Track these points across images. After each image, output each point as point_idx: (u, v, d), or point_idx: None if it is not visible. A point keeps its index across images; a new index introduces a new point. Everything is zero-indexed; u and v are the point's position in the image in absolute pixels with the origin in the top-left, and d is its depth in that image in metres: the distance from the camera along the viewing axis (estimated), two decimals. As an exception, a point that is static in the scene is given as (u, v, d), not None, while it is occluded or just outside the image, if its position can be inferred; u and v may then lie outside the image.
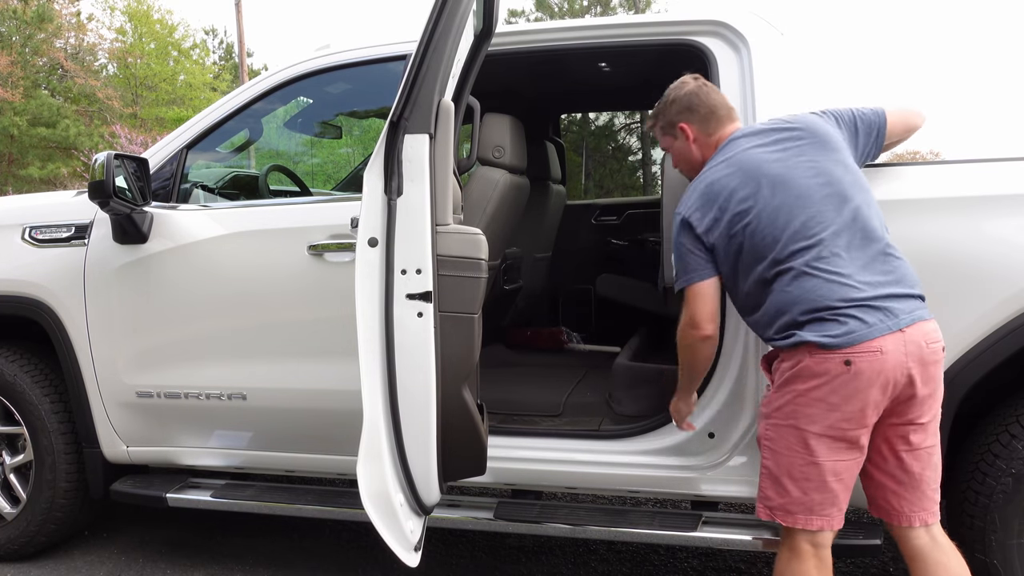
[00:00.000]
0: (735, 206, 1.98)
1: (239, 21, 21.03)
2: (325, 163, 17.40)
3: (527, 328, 4.09)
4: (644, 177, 19.89)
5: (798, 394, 1.88)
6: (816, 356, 1.84)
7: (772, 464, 1.95)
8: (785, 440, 1.91)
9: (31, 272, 2.89)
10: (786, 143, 2.03)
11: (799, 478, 1.90)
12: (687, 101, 2.19)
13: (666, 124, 2.25)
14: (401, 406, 2.12)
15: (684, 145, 2.22)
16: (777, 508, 1.95)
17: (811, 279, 1.87)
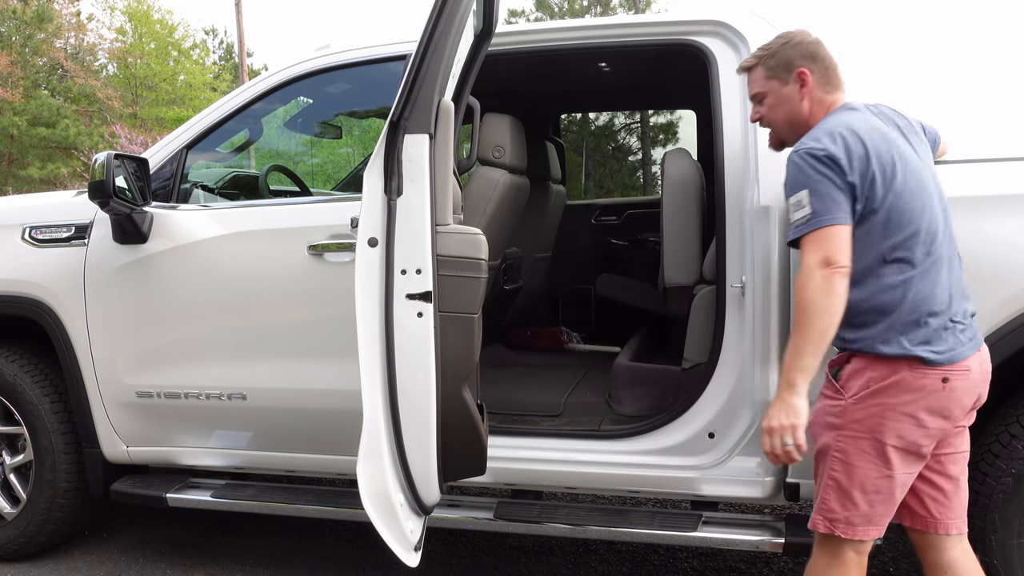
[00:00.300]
0: (877, 170, 1.78)
1: (239, 21, 21.04)
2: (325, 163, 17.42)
3: (527, 328, 4.09)
4: (644, 177, 19.89)
5: (887, 407, 1.79)
6: (916, 371, 1.77)
7: (843, 477, 1.84)
8: (863, 453, 1.81)
9: (31, 272, 2.89)
10: (910, 138, 1.91)
11: (870, 491, 1.83)
12: (812, 49, 1.97)
13: (780, 64, 1.99)
14: (401, 406, 2.12)
15: (795, 93, 1.98)
16: (840, 521, 1.85)
17: (927, 283, 1.78)
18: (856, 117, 1.88)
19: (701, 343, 2.66)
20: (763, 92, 2.04)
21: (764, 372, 2.34)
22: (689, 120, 6.65)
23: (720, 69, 2.51)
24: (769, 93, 2.02)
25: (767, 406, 2.31)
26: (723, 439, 2.44)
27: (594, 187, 19.10)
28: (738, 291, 2.40)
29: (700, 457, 2.47)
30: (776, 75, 2.00)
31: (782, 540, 2.34)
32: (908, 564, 2.96)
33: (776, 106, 2.02)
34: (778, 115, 2.02)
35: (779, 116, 2.02)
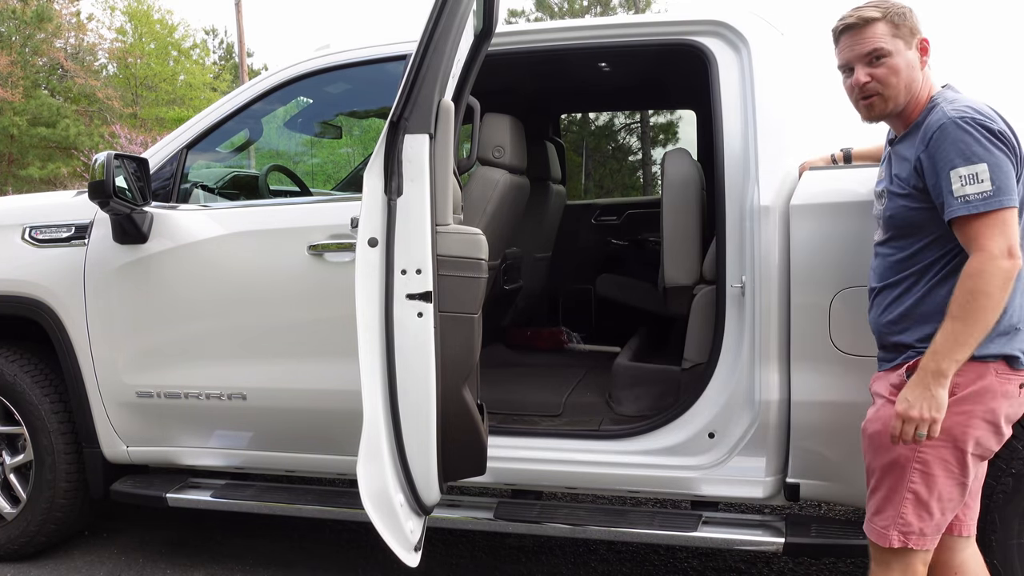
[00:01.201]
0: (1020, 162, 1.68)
1: (239, 21, 21.04)
2: (325, 163, 17.42)
3: (527, 328, 4.09)
4: (644, 177, 19.89)
5: (972, 415, 1.72)
6: (1002, 376, 1.71)
7: (923, 489, 1.76)
8: (943, 462, 1.75)
9: (31, 272, 2.89)
10: None
11: (946, 499, 1.77)
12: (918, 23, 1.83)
13: (908, 26, 1.82)
14: (401, 406, 2.12)
15: (916, 61, 1.82)
16: (914, 533, 1.78)
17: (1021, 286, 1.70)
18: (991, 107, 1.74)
19: (701, 343, 2.66)
20: (887, 50, 1.81)
21: (764, 372, 2.34)
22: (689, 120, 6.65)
23: (720, 69, 2.51)
24: (895, 53, 1.81)
25: (767, 406, 2.33)
26: (723, 439, 2.44)
27: (594, 187, 19.10)
28: (738, 291, 2.40)
29: (700, 457, 2.47)
30: (901, 35, 1.81)
31: (782, 540, 2.33)
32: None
33: (899, 69, 1.81)
34: (899, 79, 1.81)
35: (900, 80, 1.81)
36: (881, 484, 1.82)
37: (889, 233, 1.87)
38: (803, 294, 2.29)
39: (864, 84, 1.83)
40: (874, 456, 1.83)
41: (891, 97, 1.83)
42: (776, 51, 2.50)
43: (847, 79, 1.88)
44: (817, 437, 2.33)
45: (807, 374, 2.31)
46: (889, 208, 1.85)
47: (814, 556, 2.95)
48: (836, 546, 2.33)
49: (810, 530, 2.38)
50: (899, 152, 1.86)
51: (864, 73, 1.83)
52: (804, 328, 2.30)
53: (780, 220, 2.31)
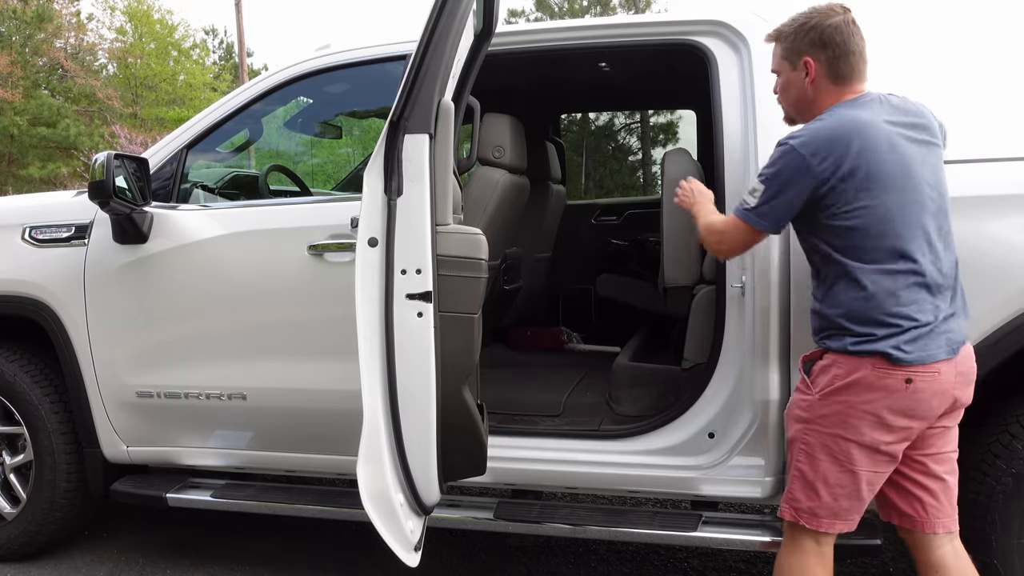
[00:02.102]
0: (861, 179, 1.79)
1: (239, 21, 21.04)
2: (325, 163, 17.42)
3: (527, 328, 4.09)
4: (644, 177, 19.90)
5: (850, 406, 1.83)
6: (879, 370, 1.79)
7: (808, 469, 1.90)
8: (826, 448, 1.87)
9: (31, 272, 2.89)
10: (920, 136, 1.88)
11: (834, 485, 1.87)
12: (828, 35, 1.90)
13: (791, 49, 1.96)
14: (401, 406, 2.12)
15: (800, 80, 1.96)
16: (804, 511, 1.92)
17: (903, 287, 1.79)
18: (861, 116, 1.84)
19: (701, 343, 2.66)
20: (777, 70, 2.04)
21: (764, 372, 2.34)
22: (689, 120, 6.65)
23: (720, 69, 2.51)
24: (782, 73, 2.02)
25: (767, 406, 2.33)
26: (723, 439, 2.44)
27: (594, 187, 19.11)
28: (738, 291, 2.40)
29: (700, 457, 2.47)
30: (788, 57, 1.98)
31: (782, 540, 2.33)
32: (907, 563, 2.95)
33: (785, 87, 2.02)
34: (788, 96, 2.03)
35: (788, 98, 2.03)
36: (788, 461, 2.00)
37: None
38: (803, 294, 2.29)
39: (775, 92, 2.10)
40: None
41: (786, 110, 2.07)
42: (776, 51, 2.49)
43: None
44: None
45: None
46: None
47: (814, 556, 2.94)
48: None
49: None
50: None
51: (775, 84, 2.08)
52: (804, 328, 2.29)
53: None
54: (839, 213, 1.82)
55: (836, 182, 1.80)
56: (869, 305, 1.80)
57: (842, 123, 1.83)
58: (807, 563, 1.92)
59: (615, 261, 4.29)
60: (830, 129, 1.82)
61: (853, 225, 1.81)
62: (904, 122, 1.87)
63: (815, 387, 1.89)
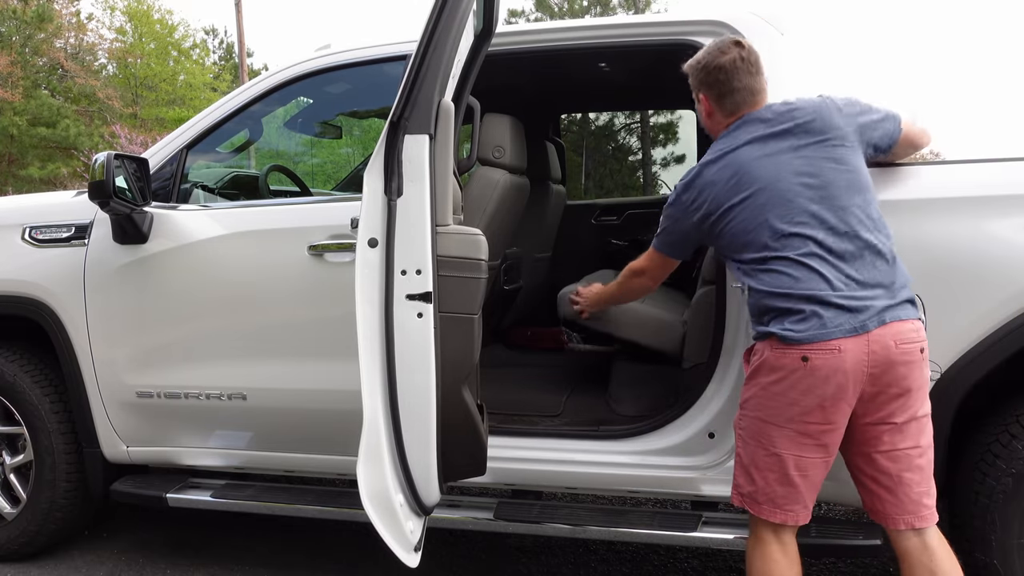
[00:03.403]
0: (721, 201, 2.02)
1: (239, 21, 21.03)
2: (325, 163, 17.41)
3: (527, 328, 4.09)
4: (644, 177, 19.89)
5: (761, 387, 1.94)
6: (776, 350, 1.89)
7: (743, 453, 2.01)
8: (752, 430, 1.97)
9: (31, 272, 2.89)
10: (784, 137, 2.01)
11: (763, 468, 1.95)
12: (714, 75, 2.10)
13: (692, 86, 2.20)
14: (401, 406, 2.12)
15: (700, 111, 2.21)
16: (746, 496, 2.01)
17: (780, 275, 1.91)
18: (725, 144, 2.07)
19: (701, 343, 2.66)
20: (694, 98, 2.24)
21: (764, 372, 2.34)
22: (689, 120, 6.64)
23: (720, 69, 2.50)
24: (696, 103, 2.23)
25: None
26: (723, 439, 2.44)
27: (594, 187, 19.10)
28: (738, 291, 2.40)
29: (700, 457, 2.47)
30: (692, 92, 2.20)
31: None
32: (908, 564, 2.95)
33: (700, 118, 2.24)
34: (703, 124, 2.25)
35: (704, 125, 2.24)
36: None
37: None
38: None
39: None
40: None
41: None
42: (776, 51, 2.49)
43: None
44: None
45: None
46: None
47: (814, 556, 2.94)
48: (836, 546, 2.33)
49: (810, 530, 2.37)
50: None
51: None
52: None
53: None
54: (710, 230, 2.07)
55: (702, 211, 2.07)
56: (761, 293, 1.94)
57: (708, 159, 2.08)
58: (767, 552, 1.98)
59: (615, 261, 4.28)
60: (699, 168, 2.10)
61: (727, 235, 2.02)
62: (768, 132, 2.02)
63: (747, 374, 2.01)
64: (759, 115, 2.08)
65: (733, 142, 2.06)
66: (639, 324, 3.00)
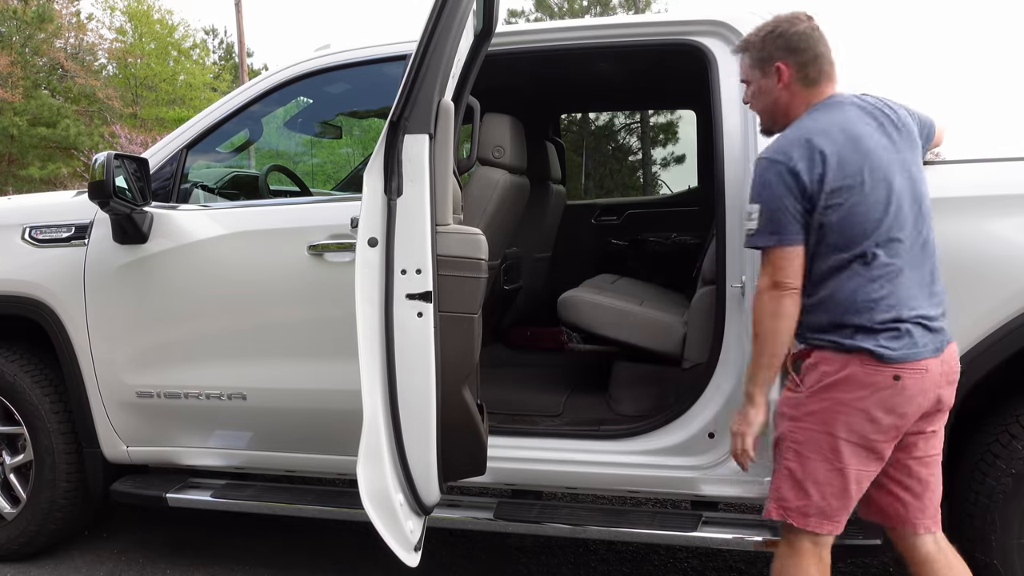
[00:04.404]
0: (838, 179, 1.81)
1: (239, 21, 21.03)
2: (325, 163, 17.41)
3: (527, 328, 4.09)
4: (644, 177, 19.88)
5: (839, 402, 1.83)
6: (867, 367, 1.80)
7: (796, 467, 1.89)
8: (816, 445, 1.86)
9: (31, 272, 2.89)
10: (891, 133, 1.89)
11: (823, 483, 1.87)
12: (795, 41, 1.94)
13: (760, 57, 1.99)
14: (401, 406, 2.12)
15: (772, 86, 1.98)
16: (793, 510, 1.91)
17: (884, 284, 1.80)
18: (832, 119, 1.88)
19: (701, 343, 2.66)
20: (746, 80, 2.07)
21: (764, 372, 2.33)
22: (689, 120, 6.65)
23: (720, 69, 2.51)
24: (752, 82, 2.05)
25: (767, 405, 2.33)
26: (723, 439, 2.44)
27: (594, 187, 19.09)
28: (738, 291, 2.40)
29: (700, 457, 2.47)
30: (757, 65, 2.01)
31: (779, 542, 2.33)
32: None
33: (757, 95, 2.04)
34: (759, 104, 2.05)
35: (760, 106, 2.05)
36: (773, 459, 1.98)
37: None
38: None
39: (745, 103, 2.12)
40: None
41: (762, 121, 2.09)
42: (776, 51, 2.49)
43: None
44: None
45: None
46: None
47: (814, 556, 2.94)
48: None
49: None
50: None
51: (744, 94, 2.12)
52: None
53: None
54: (821, 212, 1.83)
55: (815, 185, 1.81)
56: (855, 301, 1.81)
57: (816, 127, 1.86)
58: (804, 565, 1.91)
59: (615, 261, 4.29)
60: (806, 134, 1.85)
61: (834, 222, 1.82)
62: (874, 122, 1.89)
63: (804, 385, 1.89)
64: (855, 101, 1.94)
65: (843, 118, 1.88)
66: (640, 327, 3.00)
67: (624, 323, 3.02)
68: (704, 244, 3.35)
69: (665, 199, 5.47)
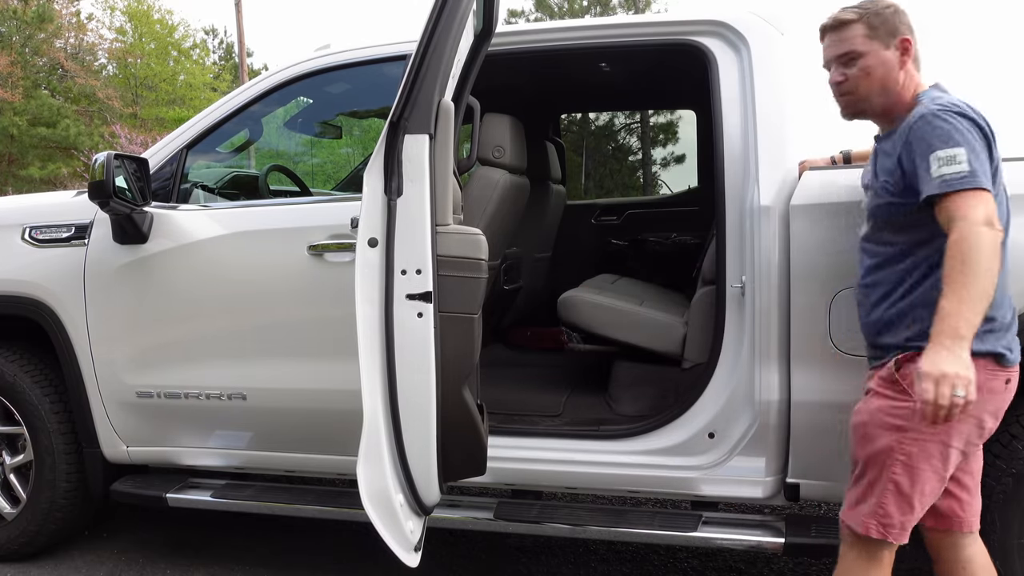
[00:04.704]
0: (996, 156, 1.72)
1: (239, 21, 21.03)
2: (325, 163, 17.42)
3: (527, 328, 4.09)
4: (644, 177, 19.89)
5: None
6: (989, 371, 1.71)
7: (904, 481, 1.76)
8: (927, 456, 1.75)
9: (31, 272, 2.89)
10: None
11: (928, 494, 1.78)
12: (910, 23, 1.84)
13: (885, 26, 1.85)
14: (401, 406, 2.12)
15: (894, 61, 1.84)
16: (894, 526, 1.79)
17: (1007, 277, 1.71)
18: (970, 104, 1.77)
19: (701, 343, 2.66)
20: (860, 52, 1.86)
21: (764, 372, 2.34)
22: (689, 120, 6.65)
23: (720, 69, 2.51)
24: (869, 54, 1.85)
25: (767, 406, 2.33)
26: (723, 439, 2.44)
27: (594, 187, 19.10)
28: (738, 291, 2.40)
29: (700, 457, 2.47)
30: (878, 36, 1.85)
31: (782, 540, 2.33)
32: (908, 564, 2.95)
33: (873, 68, 1.85)
34: (873, 79, 1.86)
35: (873, 80, 1.86)
36: (864, 474, 1.83)
37: (872, 228, 1.92)
38: (803, 294, 2.29)
39: (838, 83, 1.92)
40: (859, 446, 1.85)
41: (863, 97, 1.89)
42: (776, 51, 2.50)
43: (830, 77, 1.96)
44: (817, 437, 2.33)
45: (807, 374, 2.31)
46: (873, 203, 1.91)
47: (814, 556, 2.94)
48: (836, 546, 2.32)
49: (810, 530, 2.38)
50: (884, 149, 1.90)
51: (837, 74, 1.92)
52: (804, 328, 2.30)
53: (780, 220, 2.31)
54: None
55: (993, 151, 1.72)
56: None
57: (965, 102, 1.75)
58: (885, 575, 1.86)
59: (615, 261, 4.29)
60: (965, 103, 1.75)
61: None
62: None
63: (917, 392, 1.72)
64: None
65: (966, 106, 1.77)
66: (640, 327, 3.00)
67: (624, 323, 3.02)
68: (704, 244, 3.34)
69: (665, 199, 5.47)
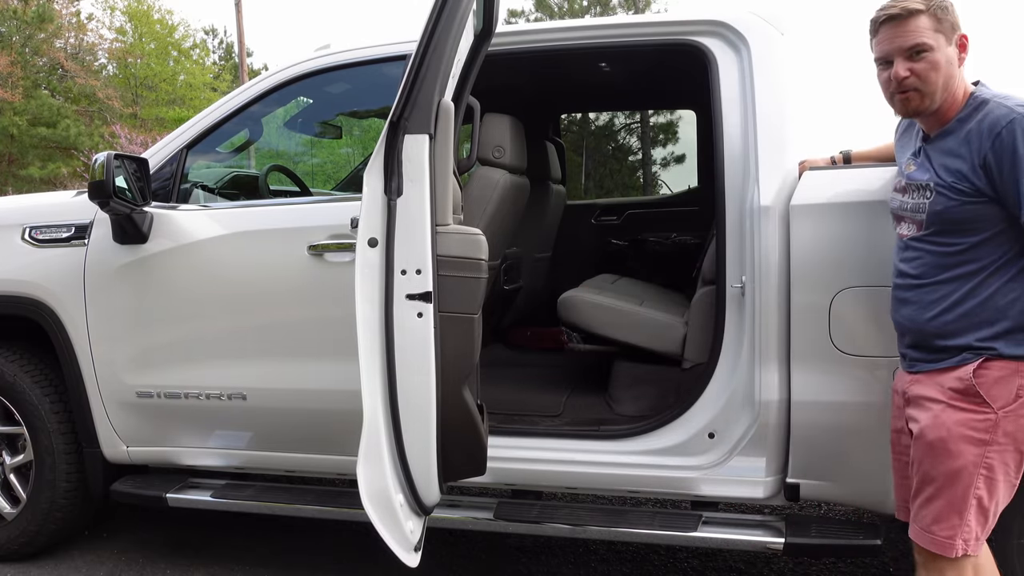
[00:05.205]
0: None
1: (239, 21, 21.03)
2: (325, 163, 17.43)
3: (527, 328, 4.10)
4: (644, 177, 19.89)
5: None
6: None
7: (985, 495, 1.72)
8: (1004, 466, 1.72)
9: (31, 272, 2.89)
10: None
11: (1002, 503, 1.75)
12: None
13: (950, 21, 1.77)
14: (401, 406, 2.12)
15: (955, 57, 1.78)
16: (974, 540, 1.75)
17: None
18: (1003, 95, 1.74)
19: (701, 343, 2.66)
20: (929, 45, 1.76)
21: (764, 372, 2.34)
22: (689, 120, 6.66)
23: (720, 69, 2.50)
24: (936, 48, 1.76)
25: (767, 406, 2.33)
26: (723, 439, 2.44)
27: (594, 187, 19.10)
28: (738, 291, 2.40)
29: (700, 457, 2.47)
30: (943, 30, 1.76)
31: (782, 540, 2.33)
32: (908, 564, 2.95)
33: (939, 65, 1.76)
34: (938, 75, 1.76)
35: (939, 76, 1.76)
36: (942, 492, 1.76)
37: (933, 228, 1.80)
38: (803, 294, 2.29)
39: (903, 79, 1.78)
40: (935, 463, 1.76)
41: (928, 93, 1.78)
42: (776, 51, 2.49)
43: (883, 72, 1.82)
44: (817, 437, 2.33)
45: (807, 374, 2.31)
46: (936, 204, 1.78)
47: (814, 556, 2.95)
48: (836, 546, 2.33)
49: (810, 530, 2.38)
50: (944, 148, 1.80)
51: (904, 67, 1.78)
52: (804, 328, 2.30)
53: (780, 220, 2.31)
54: None
55: None
56: None
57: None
58: None
59: (615, 261, 4.29)
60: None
61: None
62: None
63: (995, 402, 1.70)
64: None
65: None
66: (640, 327, 3.00)
67: (624, 323, 3.02)
68: (704, 244, 3.35)
69: (665, 199, 5.48)
